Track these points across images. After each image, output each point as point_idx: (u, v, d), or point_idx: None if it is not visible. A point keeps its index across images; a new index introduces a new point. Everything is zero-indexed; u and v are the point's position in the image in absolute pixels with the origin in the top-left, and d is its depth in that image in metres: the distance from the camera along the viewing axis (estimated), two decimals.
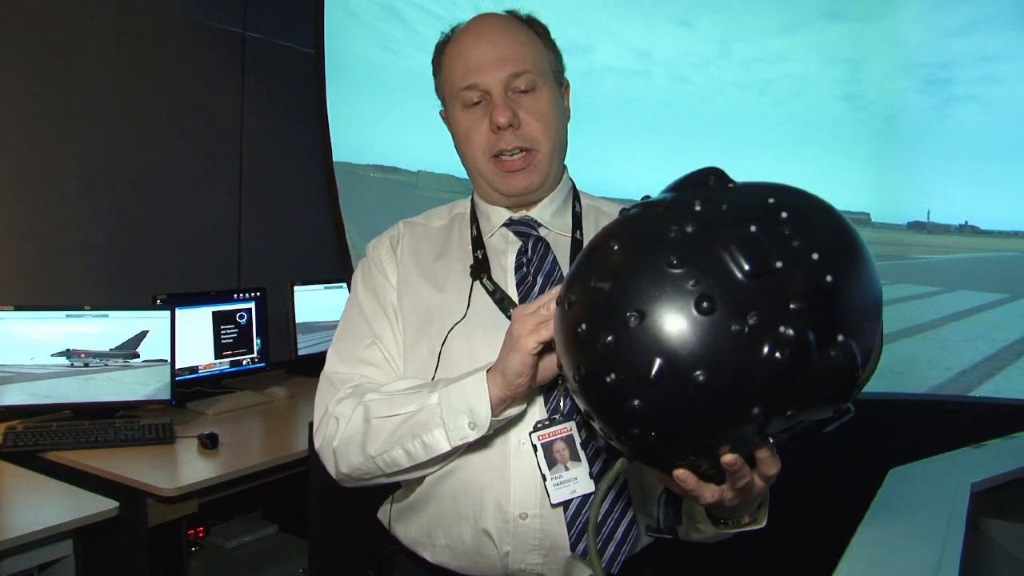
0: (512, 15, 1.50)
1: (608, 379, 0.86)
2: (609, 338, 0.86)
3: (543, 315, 1.16)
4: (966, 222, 3.93)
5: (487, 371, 1.26)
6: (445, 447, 1.29)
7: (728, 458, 0.92)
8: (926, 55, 3.88)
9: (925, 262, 3.99)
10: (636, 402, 0.85)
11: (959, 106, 3.86)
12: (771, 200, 0.90)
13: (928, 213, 3.93)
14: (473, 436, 1.28)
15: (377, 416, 1.34)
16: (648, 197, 0.99)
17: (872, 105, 3.95)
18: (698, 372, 0.82)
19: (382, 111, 4.11)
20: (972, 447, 2.42)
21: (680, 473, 0.96)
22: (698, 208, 0.90)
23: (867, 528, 1.75)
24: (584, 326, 0.89)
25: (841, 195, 3.94)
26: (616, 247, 0.91)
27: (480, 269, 1.46)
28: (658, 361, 0.83)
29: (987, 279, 4.04)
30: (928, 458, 2.29)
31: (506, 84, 1.41)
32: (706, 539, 1.35)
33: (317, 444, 1.45)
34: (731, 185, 0.96)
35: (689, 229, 0.88)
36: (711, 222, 0.88)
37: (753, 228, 0.86)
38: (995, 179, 3.85)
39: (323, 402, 1.46)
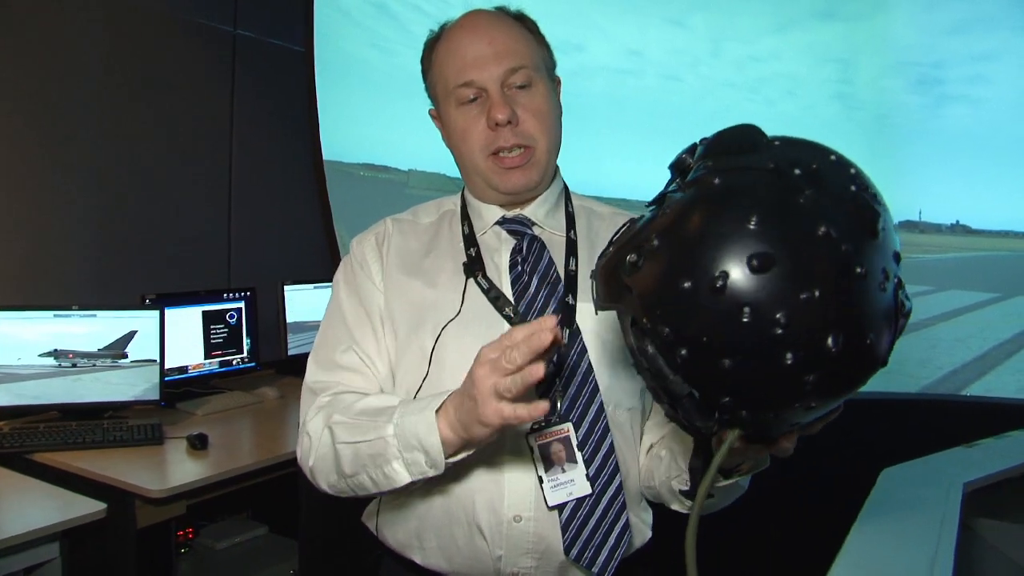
0: (502, 11, 1.49)
1: (786, 359, 0.85)
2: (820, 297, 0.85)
3: (505, 370, 1.07)
4: (957, 221, 3.94)
5: (438, 410, 1.21)
6: (405, 479, 1.25)
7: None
8: (918, 54, 3.88)
9: (917, 261, 3.99)
10: (811, 377, 0.86)
11: (950, 106, 3.86)
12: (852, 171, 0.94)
13: (920, 212, 3.94)
14: (432, 473, 1.23)
15: (340, 441, 1.31)
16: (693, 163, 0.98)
17: (864, 104, 3.96)
18: (870, 334, 0.87)
19: (372, 110, 4.10)
20: (964, 447, 2.42)
21: (791, 439, 1.03)
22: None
23: (860, 529, 1.74)
24: (748, 310, 0.85)
25: None
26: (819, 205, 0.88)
27: (474, 266, 1.44)
28: (841, 336, 0.84)
29: (978, 278, 4.05)
30: (920, 458, 2.29)
31: (503, 80, 1.39)
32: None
33: (297, 457, 1.44)
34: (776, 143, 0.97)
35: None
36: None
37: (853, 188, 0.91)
38: (986, 178, 3.86)
39: (303, 413, 1.44)
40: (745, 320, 0.84)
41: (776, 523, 2.99)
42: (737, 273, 0.84)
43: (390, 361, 1.46)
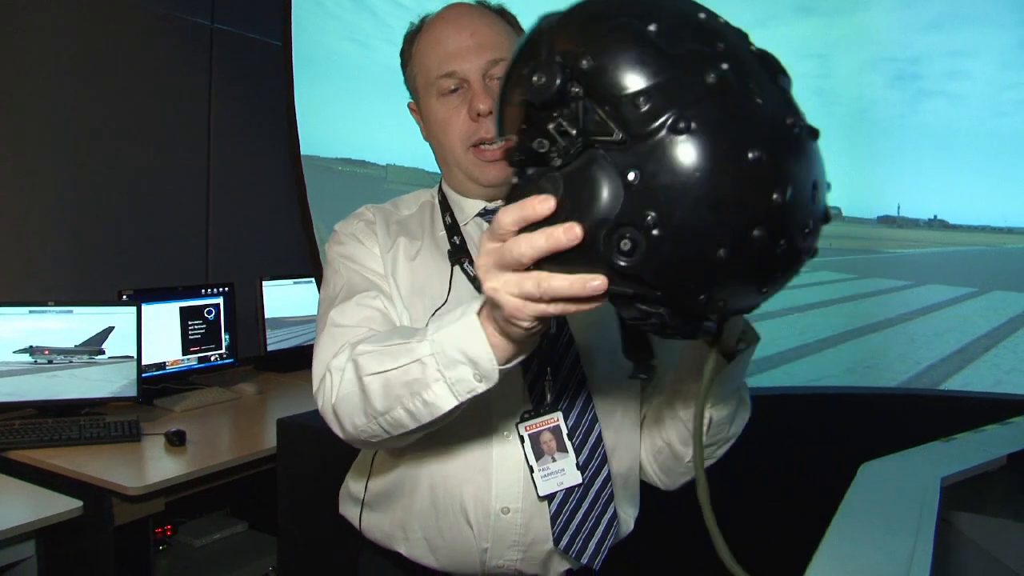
0: (483, 5, 1.49)
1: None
2: (778, 196, 0.82)
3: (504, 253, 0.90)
4: (935, 216, 3.96)
5: (480, 311, 1.06)
6: (451, 403, 1.10)
7: None
8: (896, 50, 3.90)
9: (895, 256, 4.01)
10: (783, 242, 0.83)
11: (928, 101, 3.88)
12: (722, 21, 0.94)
13: (898, 207, 3.96)
14: (482, 388, 1.08)
15: (368, 372, 1.17)
16: None
17: (843, 99, 3.97)
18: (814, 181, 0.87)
19: (351, 104, 4.08)
20: (942, 441, 2.43)
21: None
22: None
23: (839, 523, 1.75)
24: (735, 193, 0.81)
25: None
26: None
27: (459, 254, 1.43)
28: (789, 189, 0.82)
29: (956, 273, 4.08)
30: (899, 452, 2.30)
31: (484, 71, 1.39)
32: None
33: (319, 406, 1.28)
34: None
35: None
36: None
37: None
38: (964, 173, 3.88)
39: (323, 359, 1.29)
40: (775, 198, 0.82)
41: (755, 518, 3.00)
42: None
43: None
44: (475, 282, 1.38)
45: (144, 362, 3.17)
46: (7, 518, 2.18)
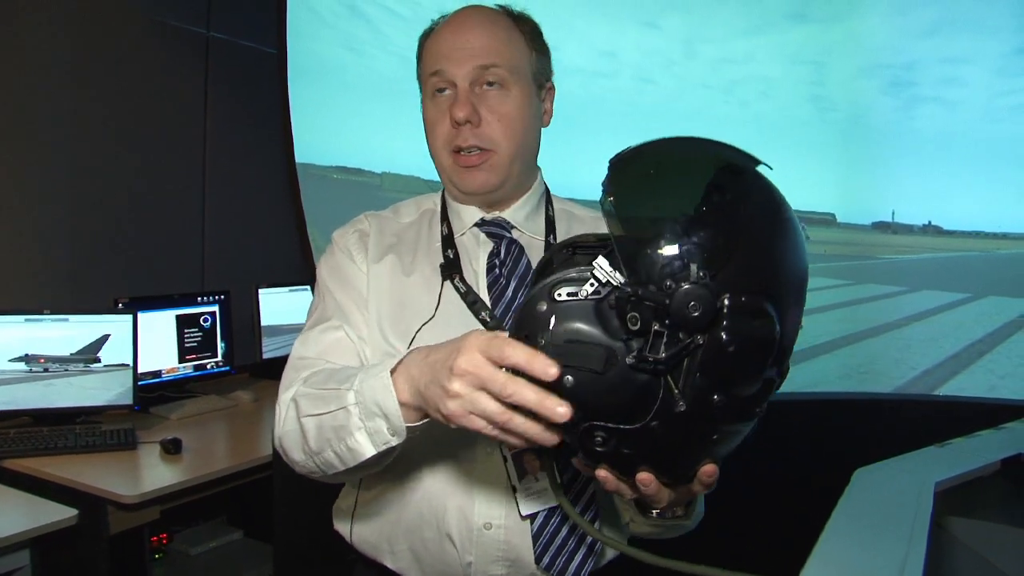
0: (503, 9, 1.46)
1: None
2: None
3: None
4: (929, 222, 3.98)
5: (395, 369, 1.09)
6: (370, 451, 1.13)
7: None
8: (890, 56, 3.92)
9: (889, 262, 4.03)
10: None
11: (923, 107, 3.90)
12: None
13: (892, 213, 3.97)
14: (395, 442, 1.11)
15: (305, 414, 1.22)
16: None
17: (837, 106, 3.99)
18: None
19: (346, 112, 4.08)
20: (936, 446, 2.43)
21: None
22: None
23: (833, 528, 1.75)
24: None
25: (807, 195, 3.96)
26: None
27: (451, 269, 1.41)
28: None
29: (950, 279, 4.09)
30: (893, 458, 2.30)
31: (473, 77, 1.36)
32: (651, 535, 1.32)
33: (273, 436, 1.34)
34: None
35: None
36: None
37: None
38: (958, 180, 3.90)
39: (281, 390, 1.34)
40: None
41: (750, 523, 3.00)
42: None
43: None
44: (466, 298, 1.37)
45: (140, 370, 3.16)
46: (1, 527, 2.16)
